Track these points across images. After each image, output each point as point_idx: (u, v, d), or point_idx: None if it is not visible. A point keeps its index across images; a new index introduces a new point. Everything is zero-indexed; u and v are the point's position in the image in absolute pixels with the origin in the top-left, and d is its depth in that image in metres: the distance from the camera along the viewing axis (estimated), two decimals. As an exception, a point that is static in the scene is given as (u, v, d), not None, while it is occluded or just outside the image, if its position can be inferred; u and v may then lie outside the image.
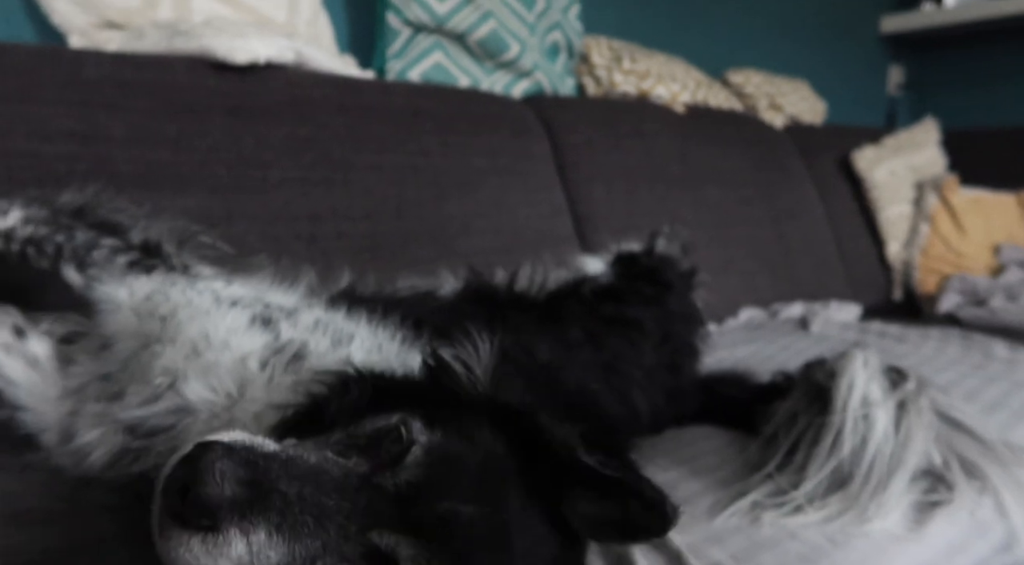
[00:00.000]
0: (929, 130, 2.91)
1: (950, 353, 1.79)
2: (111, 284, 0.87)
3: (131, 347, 0.80)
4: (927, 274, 2.57)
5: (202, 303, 0.82)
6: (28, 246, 0.93)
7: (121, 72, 1.27)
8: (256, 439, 0.53)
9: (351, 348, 0.78)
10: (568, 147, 1.95)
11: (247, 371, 0.74)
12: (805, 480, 0.99)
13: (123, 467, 0.72)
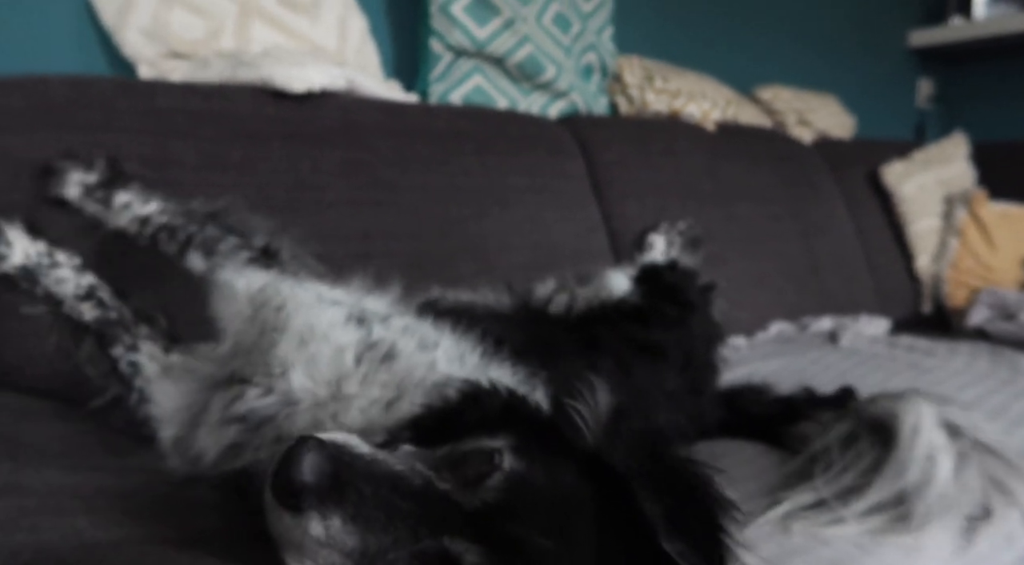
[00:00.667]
0: (958, 144, 2.93)
1: (978, 368, 1.82)
2: (232, 272, 0.98)
3: (250, 336, 0.87)
4: (956, 288, 2.59)
5: (307, 298, 0.89)
6: (161, 232, 1.07)
7: (190, 101, 1.36)
8: (351, 439, 0.59)
9: (436, 354, 0.83)
10: (602, 165, 2.02)
11: (343, 364, 0.80)
12: (860, 499, 1.06)
13: (228, 462, 0.78)
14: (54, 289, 1.04)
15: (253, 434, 0.77)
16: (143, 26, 1.50)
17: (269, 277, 0.97)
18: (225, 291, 0.95)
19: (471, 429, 0.67)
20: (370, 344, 0.83)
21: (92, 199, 1.12)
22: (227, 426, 0.79)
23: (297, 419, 0.77)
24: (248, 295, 0.92)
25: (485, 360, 0.87)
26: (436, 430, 0.68)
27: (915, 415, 1.15)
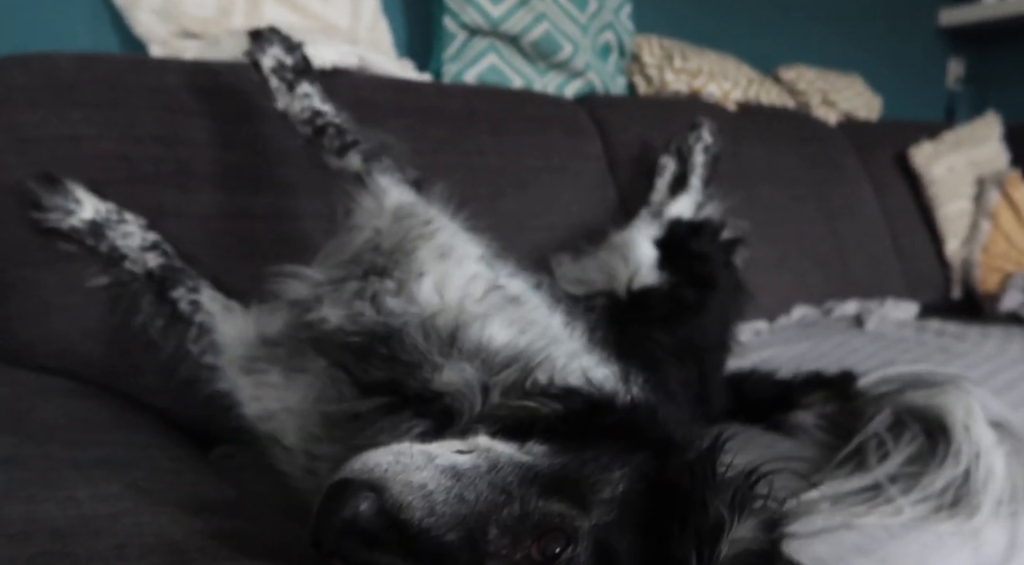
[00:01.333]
0: (991, 124, 2.84)
1: (1012, 352, 1.77)
2: (387, 180, 1.06)
3: (394, 238, 0.95)
4: (988, 272, 2.51)
5: (449, 225, 0.97)
6: (330, 128, 1.13)
7: (199, 79, 1.34)
8: (414, 482, 0.53)
9: (555, 320, 0.87)
10: (620, 146, 1.98)
11: (471, 290, 0.85)
12: (916, 487, 1.06)
13: (350, 326, 0.84)
14: (120, 242, 1.09)
15: (379, 313, 0.84)
16: (155, 5, 1.49)
17: (419, 199, 1.05)
18: (377, 192, 1.05)
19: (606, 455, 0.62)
20: (497, 285, 0.88)
21: (279, 76, 1.15)
22: (360, 302, 0.86)
23: (411, 330, 0.80)
24: (398, 202, 1.02)
25: (591, 350, 0.86)
26: (574, 424, 0.65)
27: (963, 410, 1.14)
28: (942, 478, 1.07)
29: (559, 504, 0.56)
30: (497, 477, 0.57)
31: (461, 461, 0.57)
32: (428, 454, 0.56)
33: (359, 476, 0.52)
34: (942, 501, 1.05)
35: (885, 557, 0.93)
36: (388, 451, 0.55)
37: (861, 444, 1.16)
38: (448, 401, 0.74)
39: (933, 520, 1.02)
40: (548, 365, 0.77)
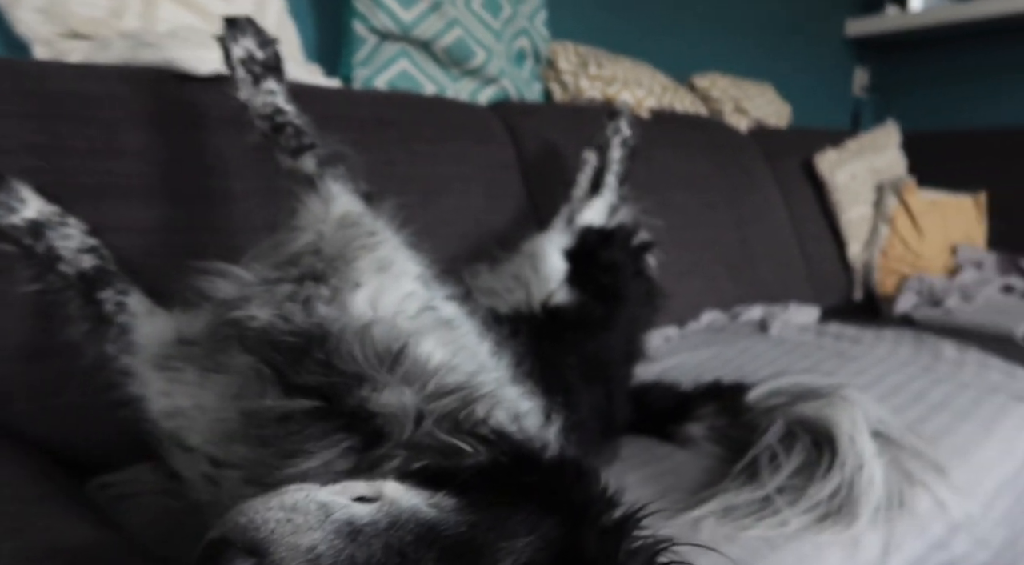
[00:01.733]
0: (891, 133, 2.98)
1: (902, 354, 1.86)
2: (339, 188, 1.06)
3: (336, 245, 0.95)
4: (886, 275, 2.64)
5: (392, 240, 0.98)
6: (289, 127, 1.11)
7: (84, 84, 1.27)
8: (303, 544, 0.49)
9: (483, 348, 0.88)
10: (534, 153, 1.99)
11: (404, 307, 0.85)
12: (803, 497, 1.10)
13: (278, 328, 0.82)
14: (58, 243, 1.06)
15: (310, 317, 0.83)
16: (39, 4, 1.40)
17: (367, 211, 1.05)
18: (327, 197, 1.05)
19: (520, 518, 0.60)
20: (431, 306, 0.88)
21: (247, 69, 1.13)
22: (292, 305, 0.85)
23: (343, 336, 0.79)
24: (347, 210, 1.03)
25: (516, 382, 0.86)
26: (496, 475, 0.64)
27: (849, 422, 1.18)
28: (826, 488, 1.11)
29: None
30: (395, 536, 0.54)
31: (359, 515, 0.54)
32: (325, 509, 0.52)
33: (241, 536, 0.49)
34: (825, 511, 1.09)
35: (763, 569, 0.97)
36: (280, 503, 0.52)
37: (755, 457, 1.19)
38: (380, 422, 0.72)
39: (815, 529, 1.06)
40: (487, 400, 0.75)
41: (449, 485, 0.61)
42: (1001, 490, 1.33)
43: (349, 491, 0.57)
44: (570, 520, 0.62)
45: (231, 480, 0.76)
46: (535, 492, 0.63)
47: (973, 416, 1.47)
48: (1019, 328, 2.01)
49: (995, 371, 1.72)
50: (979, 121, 3.27)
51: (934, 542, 1.16)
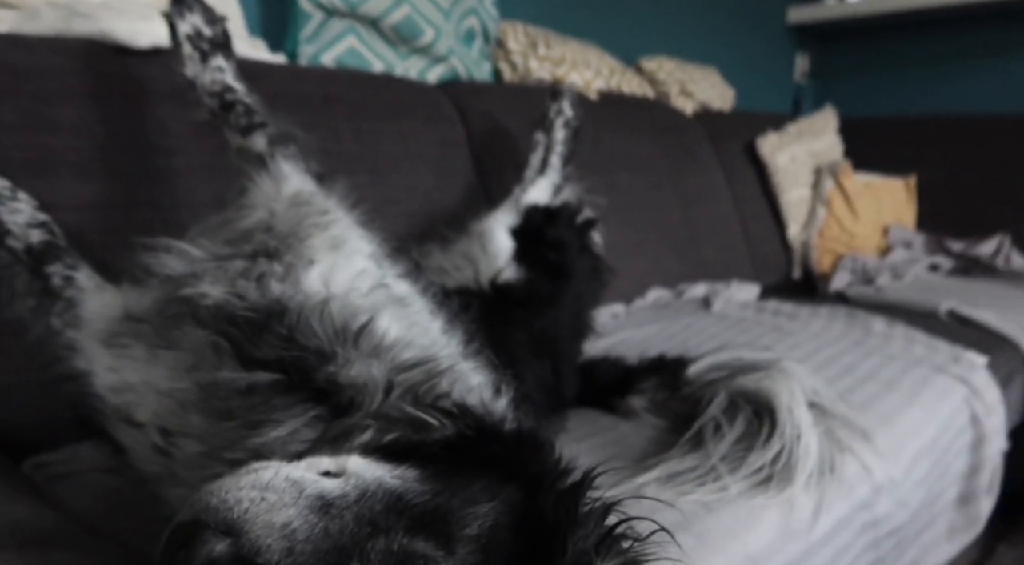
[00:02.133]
0: (828, 117, 3.08)
1: (835, 329, 1.94)
2: (290, 167, 1.06)
3: (288, 223, 0.96)
4: (823, 254, 2.74)
5: (345, 219, 0.99)
6: (239, 105, 1.12)
7: (11, 55, 1.23)
8: (276, 521, 0.50)
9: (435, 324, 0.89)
10: (483, 133, 1.99)
11: (357, 284, 0.86)
12: (743, 464, 1.15)
13: (231, 303, 0.83)
14: (6, 217, 1.05)
15: (263, 295, 0.83)
16: (-40, -31, 1.34)
17: (319, 191, 1.05)
18: (278, 176, 1.05)
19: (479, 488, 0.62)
20: (384, 283, 0.90)
21: (194, 45, 1.13)
22: (245, 282, 0.85)
23: (296, 309, 0.80)
24: (298, 189, 1.03)
25: (468, 357, 0.87)
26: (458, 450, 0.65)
27: (787, 393, 1.24)
28: (766, 456, 1.16)
29: (423, 542, 0.55)
30: (364, 507, 0.55)
31: (329, 489, 0.55)
32: (296, 485, 0.53)
33: (215, 516, 0.49)
34: (764, 476, 1.15)
35: (700, 531, 1.01)
36: (251, 482, 0.52)
37: (700, 427, 1.24)
38: (350, 393, 0.73)
39: (753, 494, 1.11)
40: (449, 374, 0.77)
41: (414, 457, 0.63)
42: (921, 455, 1.42)
43: (315, 466, 0.58)
44: (529, 486, 0.64)
45: (184, 450, 0.76)
46: (496, 462, 0.65)
47: (898, 386, 1.55)
48: (942, 305, 2.12)
49: (919, 345, 1.81)
50: (913, 108, 3.40)
51: (859, 503, 1.23)
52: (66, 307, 1.02)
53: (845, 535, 1.19)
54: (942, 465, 1.49)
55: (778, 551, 1.06)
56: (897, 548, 1.33)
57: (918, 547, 1.42)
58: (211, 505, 0.50)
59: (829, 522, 1.15)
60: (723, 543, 1.01)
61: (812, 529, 1.12)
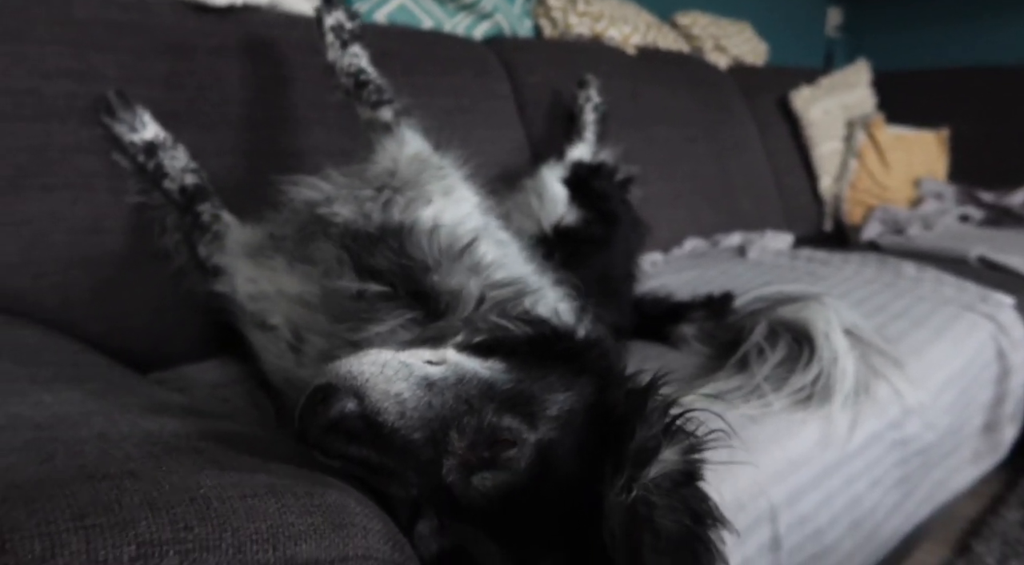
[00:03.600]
0: (861, 71, 3.10)
1: (867, 274, 2.02)
2: (412, 132, 1.23)
3: (410, 173, 1.10)
4: (854, 206, 2.80)
5: (457, 174, 1.15)
6: (370, 85, 1.31)
7: (108, 12, 1.33)
8: (391, 391, 0.63)
9: (529, 268, 1.00)
10: (527, 87, 2.07)
11: (461, 228, 0.98)
12: (786, 385, 1.24)
13: (358, 222, 0.98)
14: (166, 163, 1.24)
15: (386, 215, 0.98)
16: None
17: (436, 154, 1.21)
18: (401, 140, 1.21)
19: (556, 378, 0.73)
20: (487, 230, 1.03)
21: (336, 35, 1.31)
22: (371, 204, 1.01)
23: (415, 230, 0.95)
24: (418, 149, 1.19)
25: (555, 289, 1.00)
26: (537, 350, 0.76)
27: (824, 321, 1.33)
28: (807, 377, 1.26)
29: (511, 418, 0.67)
30: (462, 389, 0.67)
31: (432, 372, 0.67)
32: (407, 366, 0.66)
33: (344, 382, 0.62)
34: (804, 396, 1.25)
35: (746, 438, 1.12)
36: (372, 360, 0.65)
37: (745, 352, 1.34)
38: (444, 301, 0.87)
39: (794, 410, 1.22)
40: (533, 295, 0.90)
41: (499, 353, 0.75)
42: (949, 383, 1.51)
43: (419, 356, 0.70)
44: (601, 383, 0.76)
45: (312, 346, 0.89)
46: (571, 360, 0.76)
47: (927, 323, 1.63)
48: (972, 252, 2.19)
49: (949, 286, 1.88)
50: (945, 60, 3.40)
51: (890, 423, 1.33)
52: (213, 238, 1.19)
53: (876, 449, 1.29)
54: (968, 394, 1.58)
55: (815, 457, 1.17)
56: (924, 467, 1.44)
57: (944, 468, 1.52)
58: (341, 373, 0.63)
59: (862, 436, 1.26)
60: (767, 447, 1.12)
61: (847, 441, 1.23)
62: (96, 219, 1.24)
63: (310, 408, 0.61)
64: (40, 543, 0.48)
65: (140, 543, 0.51)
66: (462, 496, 0.64)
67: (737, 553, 1.00)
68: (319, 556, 0.61)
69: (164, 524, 0.53)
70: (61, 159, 1.22)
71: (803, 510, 1.13)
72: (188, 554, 0.53)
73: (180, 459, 0.63)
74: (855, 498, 1.24)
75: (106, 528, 0.51)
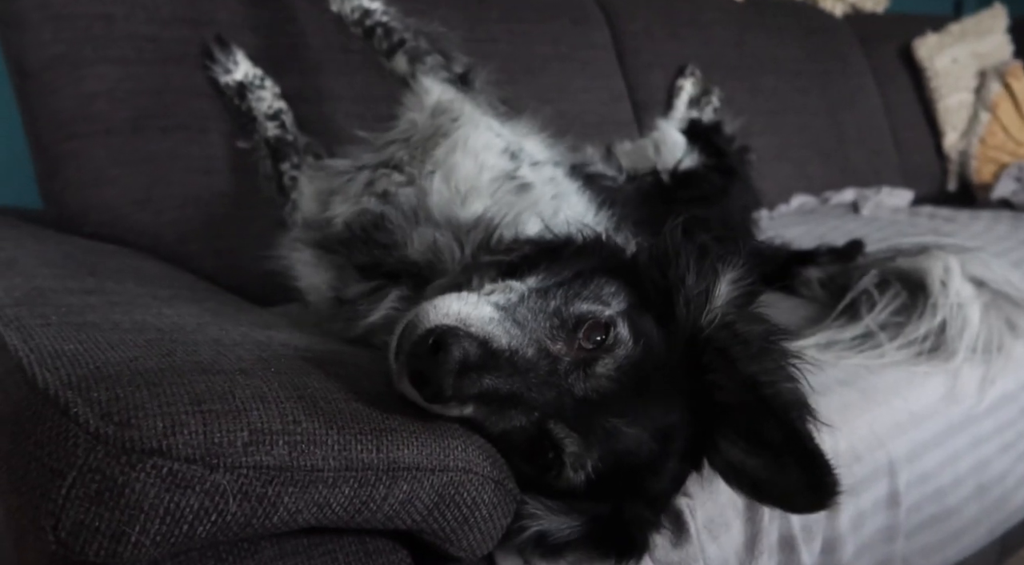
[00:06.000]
0: (997, 16, 2.82)
1: (999, 231, 1.85)
2: (431, 80, 1.14)
3: (422, 133, 1.04)
4: (984, 163, 2.57)
5: (479, 120, 1.04)
6: (379, 27, 1.21)
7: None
8: (485, 317, 0.63)
9: (564, 203, 0.94)
10: (627, 35, 2.00)
11: (479, 181, 0.92)
12: (899, 335, 1.16)
13: (356, 221, 0.94)
14: (254, 105, 1.26)
15: (389, 204, 0.92)
16: None
17: (459, 96, 1.12)
18: (420, 91, 1.13)
19: (590, 270, 0.74)
20: (511, 175, 0.95)
21: None
22: (367, 197, 0.95)
23: (423, 211, 0.89)
24: (438, 100, 1.10)
25: (609, 224, 0.96)
26: (552, 258, 0.75)
27: (942, 269, 1.23)
28: (922, 327, 1.17)
29: (584, 304, 0.69)
30: (530, 303, 0.69)
31: (497, 298, 0.68)
32: (478, 298, 0.66)
33: (445, 321, 0.62)
34: (922, 347, 1.16)
35: (864, 388, 1.05)
36: (454, 299, 0.65)
37: (853, 300, 1.26)
38: (428, 259, 0.85)
39: (914, 363, 1.13)
40: (511, 224, 0.86)
41: (519, 273, 0.75)
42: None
43: (476, 294, 0.69)
44: (619, 260, 0.78)
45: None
46: (580, 255, 0.77)
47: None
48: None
49: (1096, 245, 1.70)
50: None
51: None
52: (293, 208, 1.18)
53: (1009, 411, 1.18)
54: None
55: (940, 413, 1.08)
56: (1064, 435, 1.31)
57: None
58: (438, 315, 0.63)
59: (994, 396, 1.15)
60: (887, 398, 1.04)
61: (976, 399, 1.13)
62: (208, 159, 1.29)
63: (428, 359, 0.59)
64: (163, 421, 0.49)
65: (252, 430, 0.52)
66: (591, 391, 0.65)
67: (851, 506, 0.95)
68: (421, 462, 0.61)
69: (274, 416, 0.54)
70: (177, 102, 1.27)
71: (925, 467, 1.05)
72: (296, 445, 0.54)
73: (288, 363, 0.65)
74: (983, 461, 1.15)
75: (221, 414, 0.52)
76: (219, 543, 0.54)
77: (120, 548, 0.47)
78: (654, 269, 0.74)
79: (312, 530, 0.59)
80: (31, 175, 1.24)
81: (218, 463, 0.50)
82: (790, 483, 0.68)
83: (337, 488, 0.55)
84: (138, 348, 0.60)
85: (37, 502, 0.46)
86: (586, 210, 0.97)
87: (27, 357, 0.54)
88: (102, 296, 0.79)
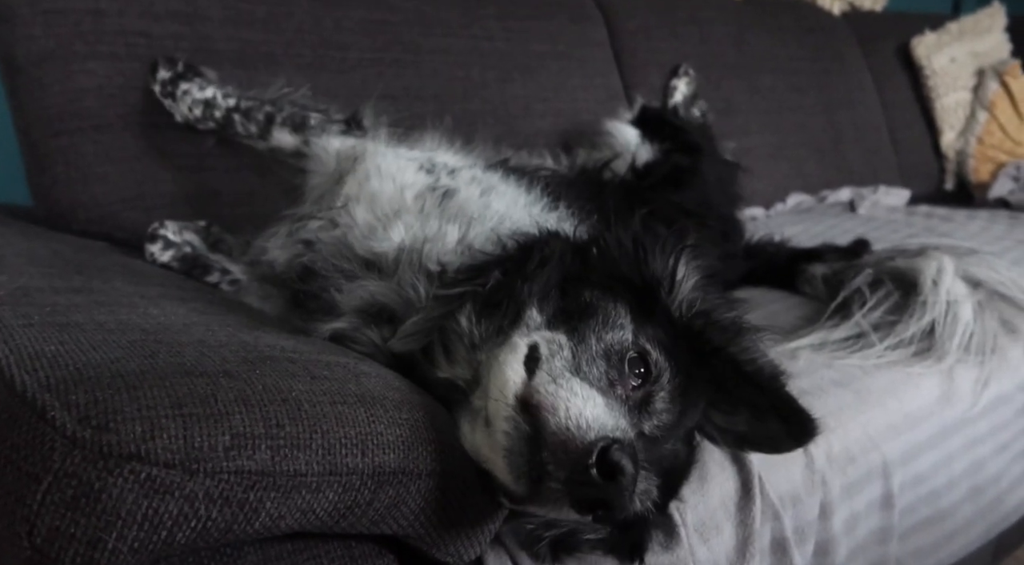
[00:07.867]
0: (996, 15, 2.81)
1: (995, 231, 1.85)
2: (326, 139, 1.09)
3: (328, 185, 1.01)
4: (982, 162, 2.56)
5: (383, 150, 1.01)
6: (234, 113, 1.16)
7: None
8: (602, 409, 0.61)
9: (492, 197, 0.92)
10: (625, 33, 1.99)
11: (403, 201, 0.90)
12: (890, 335, 1.16)
13: (292, 264, 0.92)
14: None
15: (313, 252, 0.90)
16: None
17: (357, 141, 1.09)
18: (319, 152, 1.08)
19: (573, 281, 0.74)
20: (433, 187, 0.93)
21: (164, 92, 1.19)
22: (294, 245, 0.94)
23: (356, 238, 0.87)
24: (338, 149, 1.06)
25: (544, 210, 0.94)
26: (517, 274, 0.74)
27: (934, 268, 1.22)
28: (913, 327, 1.17)
29: (609, 334, 0.71)
30: (584, 362, 0.68)
31: (583, 370, 0.67)
32: (576, 382, 0.64)
33: (592, 435, 0.58)
34: (915, 348, 1.15)
35: (859, 389, 1.04)
36: (570, 395, 0.62)
37: (846, 299, 1.25)
38: (392, 306, 0.81)
39: (907, 364, 1.13)
40: (438, 243, 0.83)
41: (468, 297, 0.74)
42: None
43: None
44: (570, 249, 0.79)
45: None
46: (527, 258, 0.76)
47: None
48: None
49: (1094, 245, 1.69)
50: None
51: (1022, 384, 1.21)
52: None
53: (1005, 412, 1.18)
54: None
55: (935, 414, 1.08)
56: (1059, 436, 1.31)
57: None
58: (577, 433, 0.59)
59: (989, 397, 1.15)
60: (882, 399, 1.04)
61: (971, 400, 1.12)
62: (199, 157, 1.28)
63: (605, 486, 0.57)
64: (141, 425, 0.49)
65: (234, 435, 0.51)
66: (655, 428, 0.68)
67: (845, 508, 0.94)
68: (406, 467, 0.60)
69: (257, 420, 0.53)
70: (169, 98, 1.26)
71: (919, 469, 1.04)
72: (279, 450, 0.53)
73: (273, 366, 0.64)
74: (977, 462, 1.14)
75: (202, 418, 0.51)
76: (200, 549, 0.54)
77: (97, 555, 0.46)
78: (621, 264, 0.76)
79: (297, 535, 0.58)
80: (20, 171, 1.23)
81: (198, 468, 0.49)
82: (771, 431, 0.79)
83: (321, 493, 0.55)
84: (120, 349, 0.59)
85: (12, 507, 0.46)
86: (516, 195, 0.96)
87: (6, 358, 0.53)
88: (88, 295, 0.78)
